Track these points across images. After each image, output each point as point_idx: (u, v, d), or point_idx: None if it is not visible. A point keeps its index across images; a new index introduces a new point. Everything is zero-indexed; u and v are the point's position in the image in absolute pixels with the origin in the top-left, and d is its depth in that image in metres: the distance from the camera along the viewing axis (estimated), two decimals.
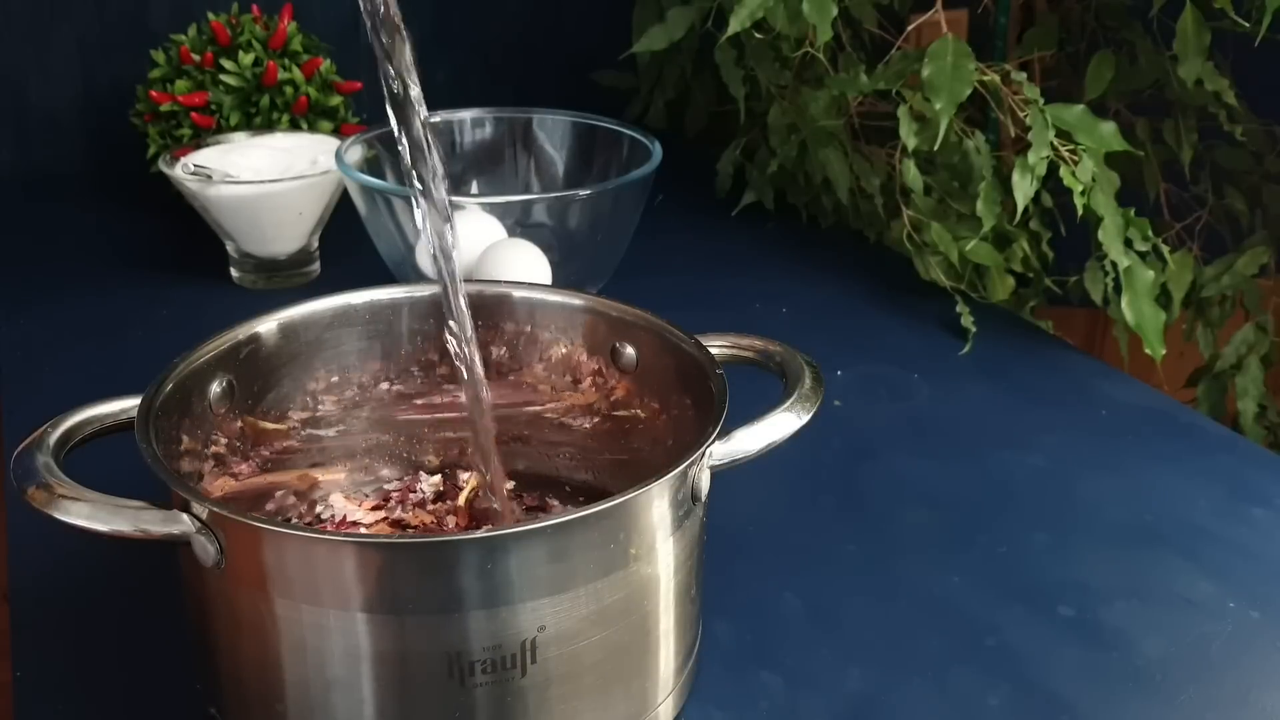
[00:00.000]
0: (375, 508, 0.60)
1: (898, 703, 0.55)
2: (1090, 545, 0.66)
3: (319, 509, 0.60)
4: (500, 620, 0.44)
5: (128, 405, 0.50)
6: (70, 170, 1.16)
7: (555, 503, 0.62)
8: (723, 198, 1.09)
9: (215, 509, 0.44)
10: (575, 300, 0.60)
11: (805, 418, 0.52)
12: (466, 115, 0.94)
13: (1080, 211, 0.82)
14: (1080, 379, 0.85)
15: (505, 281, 0.72)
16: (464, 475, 0.62)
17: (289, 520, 0.59)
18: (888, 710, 0.55)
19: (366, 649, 0.44)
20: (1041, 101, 0.84)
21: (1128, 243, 0.83)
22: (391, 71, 0.50)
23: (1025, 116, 0.84)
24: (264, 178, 0.89)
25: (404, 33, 0.51)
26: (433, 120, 0.92)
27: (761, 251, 1.03)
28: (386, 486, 0.62)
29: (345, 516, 0.60)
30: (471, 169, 0.95)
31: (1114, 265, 0.83)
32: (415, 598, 0.44)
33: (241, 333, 0.55)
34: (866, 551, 0.65)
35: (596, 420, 0.61)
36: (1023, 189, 0.82)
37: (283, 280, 0.93)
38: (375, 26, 0.50)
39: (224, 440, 0.55)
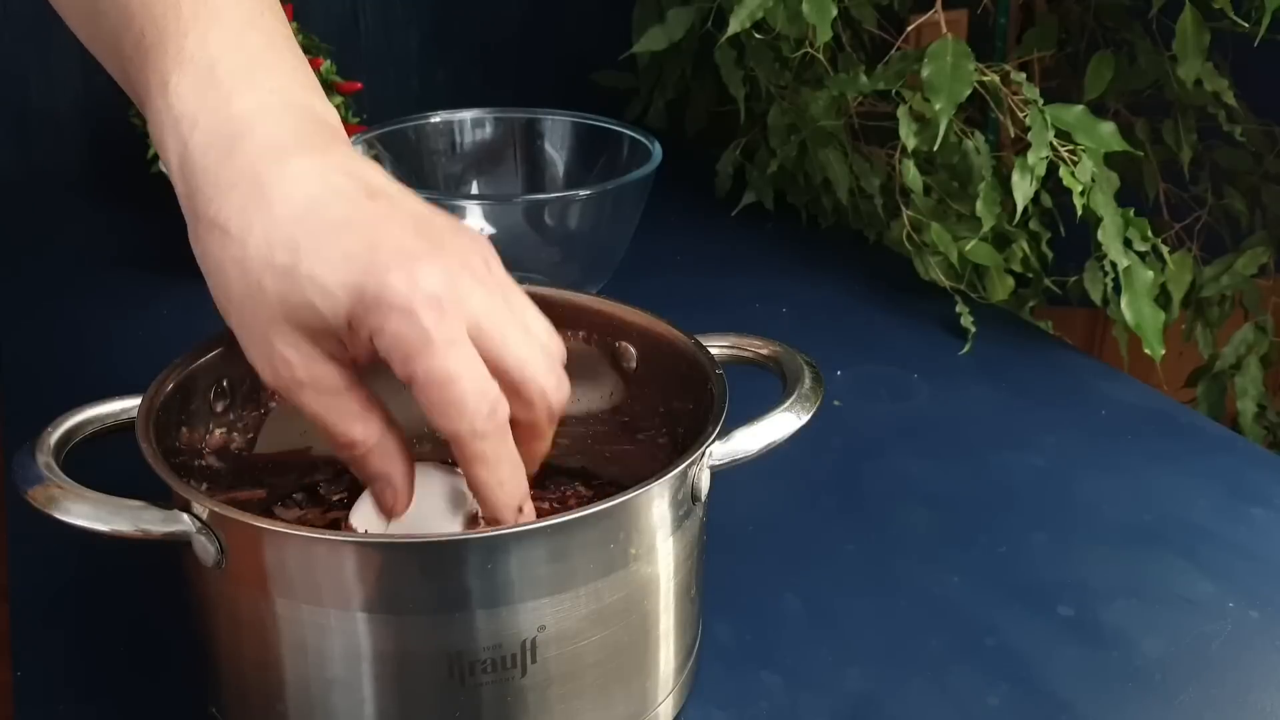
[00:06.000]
0: (326, 511, 0.60)
1: (898, 703, 0.55)
2: (1090, 545, 0.66)
3: None
4: (500, 620, 0.44)
5: (128, 405, 0.50)
6: (70, 170, 1.16)
7: (577, 487, 0.62)
8: (723, 198, 1.09)
9: (216, 509, 0.44)
10: (575, 300, 0.60)
11: (805, 418, 0.52)
12: (466, 115, 0.94)
13: (1080, 211, 0.82)
14: (1080, 379, 0.85)
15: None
16: None
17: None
18: (888, 710, 0.55)
19: (367, 649, 0.44)
20: (1041, 102, 0.84)
21: (1127, 243, 0.83)
22: None
23: (1025, 117, 0.84)
24: None
25: None
26: (433, 120, 0.93)
27: (761, 251, 1.03)
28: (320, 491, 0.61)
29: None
30: (471, 169, 0.95)
31: (1113, 265, 0.83)
32: (415, 598, 0.44)
33: None
34: (866, 551, 0.65)
35: (597, 420, 0.61)
36: (1022, 189, 0.82)
37: None
38: None
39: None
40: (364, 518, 0.54)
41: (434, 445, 0.63)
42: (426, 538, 0.48)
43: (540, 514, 0.59)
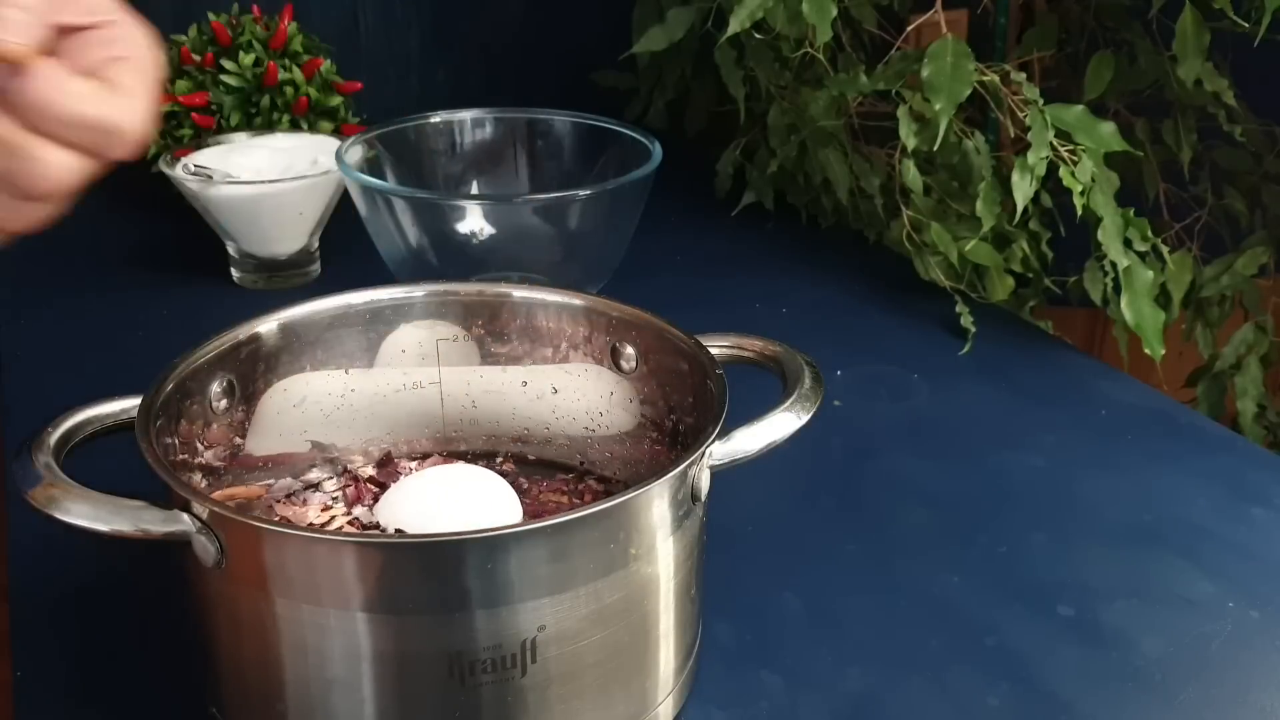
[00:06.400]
0: (325, 509, 0.60)
1: (898, 702, 0.55)
2: (1090, 545, 0.66)
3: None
4: (500, 620, 0.44)
5: (128, 405, 0.50)
6: None
7: (590, 481, 0.62)
8: (723, 198, 1.09)
9: (215, 509, 0.44)
10: (575, 300, 0.60)
11: (805, 418, 0.52)
12: (466, 115, 0.94)
13: (1080, 212, 0.82)
14: (1080, 379, 0.85)
15: (507, 281, 0.72)
16: (408, 464, 0.63)
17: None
18: (888, 710, 0.55)
19: (367, 649, 0.44)
20: (1041, 102, 0.84)
21: (1127, 243, 0.83)
22: None
23: (1025, 117, 0.84)
24: (264, 178, 0.89)
25: None
26: (433, 120, 0.93)
27: (761, 251, 1.03)
28: (327, 487, 0.61)
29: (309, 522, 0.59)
30: (471, 169, 0.95)
31: (1113, 265, 0.83)
32: (415, 598, 0.44)
33: (241, 333, 0.56)
34: (866, 551, 0.65)
35: (597, 419, 0.61)
36: (1022, 189, 0.82)
37: (283, 280, 0.93)
38: None
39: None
40: (388, 514, 0.54)
41: (433, 442, 0.63)
42: (426, 538, 0.48)
43: (558, 506, 0.59)
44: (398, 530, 0.55)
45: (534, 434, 0.63)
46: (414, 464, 0.62)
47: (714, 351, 0.55)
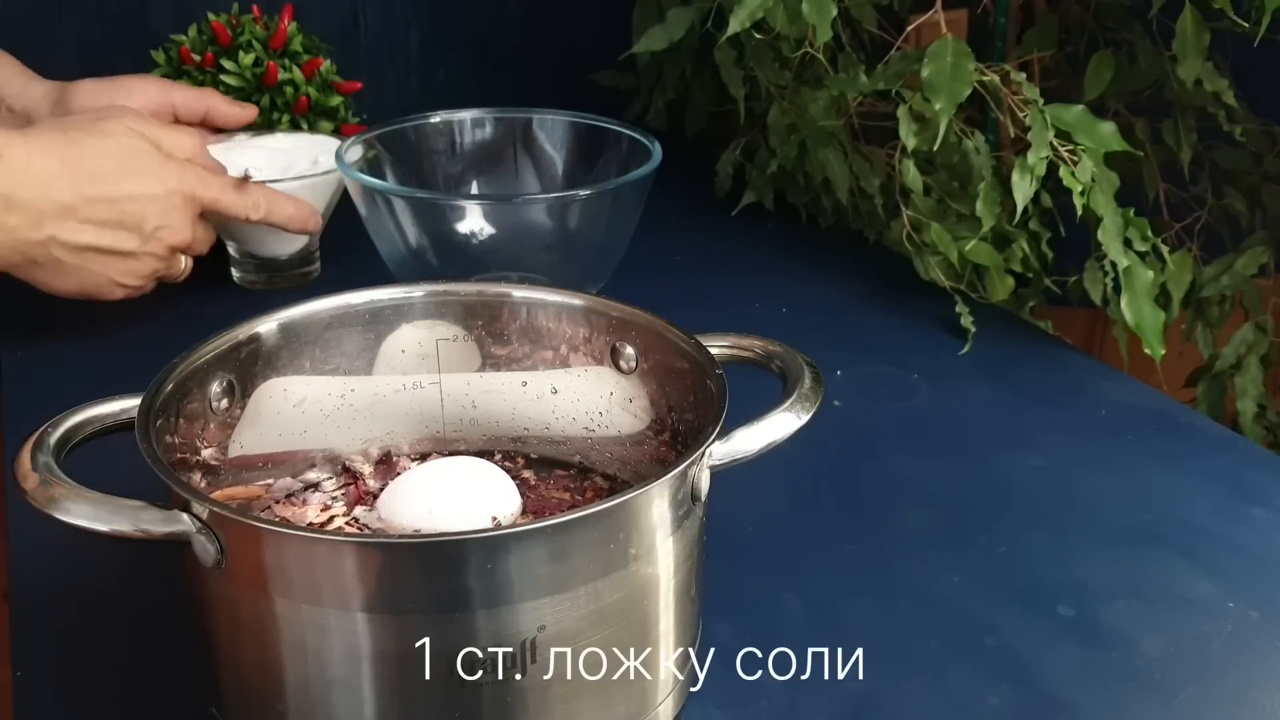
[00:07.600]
0: (325, 509, 0.60)
1: (898, 702, 0.55)
2: (1090, 545, 0.66)
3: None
4: (500, 620, 0.44)
5: (128, 405, 0.50)
6: None
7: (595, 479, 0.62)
8: (723, 198, 1.09)
9: (215, 509, 0.44)
10: (575, 300, 0.60)
11: (805, 418, 0.52)
12: (466, 115, 0.94)
13: (1080, 212, 0.82)
14: (1080, 379, 0.85)
15: (507, 281, 0.72)
16: (408, 464, 0.63)
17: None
18: (888, 710, 0.55)
19: (367, 649, 0.44)
20: (1041, 102, 0.84)
21: (1127, 243, 0.83)
22: None
23: (1025, 117, 0.84)
24: (264, 178, 0.89)
25: None
26: (433, 120, 0.93)
27: (761, 251, 1.03)
28: (327, 487, 0.61)
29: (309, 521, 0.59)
30: (471, 169, 0.95)
31: (1113, 265, 0.83)
32: (415, 598, 0.44)
33: (241, 333, 0.56)
34: (866, 551, 0.65)
35: (597, 420, 0.61)
36: (1022, 189, 0.82)
37: (283, 280, 0.93)
38: None
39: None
40: (388, 512, 0.54)
41: (433, 441, 0.63)
42: (426, 538, 0.48)
43: (560, 504, 0.59)
44: (386, 529, 0.55)
45: (534, 434, 0.63)
46: (414, 464, 0.62)
47: (714, 351, 0.55)
